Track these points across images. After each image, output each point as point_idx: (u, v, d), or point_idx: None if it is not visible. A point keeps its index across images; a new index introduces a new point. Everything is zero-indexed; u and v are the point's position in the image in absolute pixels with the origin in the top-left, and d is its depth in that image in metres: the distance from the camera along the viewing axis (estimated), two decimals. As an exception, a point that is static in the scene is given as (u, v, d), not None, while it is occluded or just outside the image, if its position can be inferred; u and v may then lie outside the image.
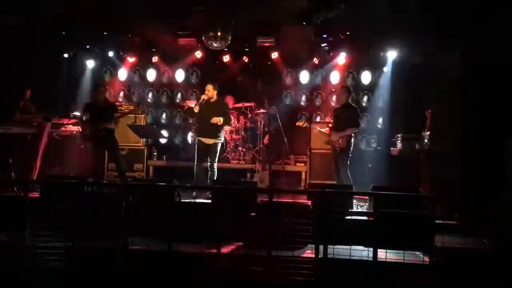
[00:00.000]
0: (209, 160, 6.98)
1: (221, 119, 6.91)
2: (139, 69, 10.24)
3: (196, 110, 6.98)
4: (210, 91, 6.92)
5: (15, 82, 7.48)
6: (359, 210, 6.43)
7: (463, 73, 6.51)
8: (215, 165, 7.02)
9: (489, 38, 5.90)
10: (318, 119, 9.78)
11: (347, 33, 8.45)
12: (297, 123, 7.86)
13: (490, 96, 5.97)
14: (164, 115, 10.27)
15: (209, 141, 6.97)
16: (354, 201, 6.54)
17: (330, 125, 7.41)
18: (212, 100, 6.99)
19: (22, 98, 7.28)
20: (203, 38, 8.10)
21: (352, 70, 9.84)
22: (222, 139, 7.19)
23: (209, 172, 6.96)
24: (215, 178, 6.86)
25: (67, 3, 7.27)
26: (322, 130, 7.43)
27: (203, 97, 6.93)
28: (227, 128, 9.14)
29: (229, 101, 9.59)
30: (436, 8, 6.56)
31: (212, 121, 6.86)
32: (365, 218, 5.60)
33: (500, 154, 5.76)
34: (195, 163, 7.07)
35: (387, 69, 9.47)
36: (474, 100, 6.23)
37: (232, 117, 7.22)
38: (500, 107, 5.90)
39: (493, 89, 5.93)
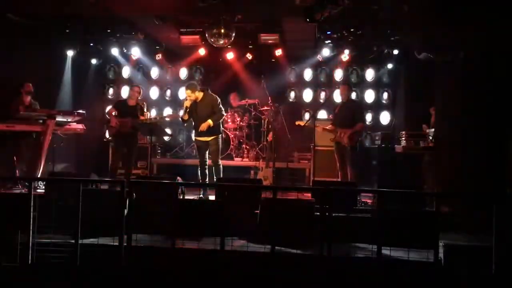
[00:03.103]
0: (212, 158, 6.85)
1: (210, 121, 6.67)
2: (142, 67, 10.27)
3: (185, 118, 6.84)
4: (192, 96, 6.72)
5: (18, 80, 7.49)
6: (363, 207, 6.42)
7: (465, 70, 6.48)
8: (220, 162, 6.93)
9: (491, 35, 5.87)
10: (322, 116, 9.79)
11: (351, 29, 8.41)
12: (297, 123, 7.78)
13: (493, 93, 5.95)
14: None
15: (207, 138, 6.83)
16: (358, 198, 6.54)
17: (331, 123, 7.38)
18: (199, 100, 6.80)
19: (24, 91, 7.28)
20: (206, 35, 8.08)
21: (356, 67, 9.82)
22: (220, 133, 7.01)
23: (214, 170, 6.87)
24: (221, 175, 6.81)
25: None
26: (326, 128, 7.38)
27: (186, 104, 6.76)
28: (231, 125, 9.16)
29: (234, 98, 9.61)
30: (439, 5, 6.52)
31: (201, 129, 6.69)
32: (369, 215, 5.59)
33: (504, 150, 5.73)
34: (199, 163, 7.03)
35: (391, 66, 9.44)
36: (477, 98, 6.20)
37: (222, 110, 6.93)
38: (503, 105, 5.87)
39: (496, 87, 5.90)
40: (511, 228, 4.58)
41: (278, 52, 9.33)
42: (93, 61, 9.87)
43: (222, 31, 7.90)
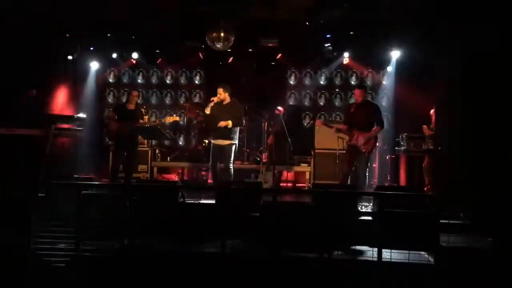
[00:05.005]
0: (224, 163, 6.88)
1: (230, 122, 6.76)
2: (142, 71, 10.29)
3: (207, 111, 6.93)
4: (222, 94, 6.85)
5: (19, 84, 7.50)
6: (364, 210, 6.40)
7: (464, 72, 6.48)
8: (231, 166, 6.92)
9: (491, 35, 5.88)
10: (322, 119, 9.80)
11: (351, 32, 8.42)
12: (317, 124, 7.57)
13: (492, 94, 5.94)
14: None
15: (223, 142, 6.86)
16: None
17: (336, 125, 7.29)
18: (225, 103, 6.90)
19: (28, 99, 7.30)
20: (206, 39, 8.10)
21: (356, 69, 9.83)
22: (236, 140, 7.02)
23: (225, 175, 6.87)
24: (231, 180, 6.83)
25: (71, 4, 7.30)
26: (340, 128, 7.02)
27: (214, 99, 6.86)
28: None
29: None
30: (438, 7, 6.55)
31: (220, 125, 6.75)
32: (369, 218, 5.58)
33: (505, 152, 5.73)
34: (210, 165, 7.05)
35: (390, 68, 9.46)
36: (476, 99, 6.19)
37: (243, 119, 7.09)
38: (504, 105, 5.86)
39: (496, 86, 5.90)
40: (511, 229, 4.59)
41: (278, 55, 9.33)
42: (93, 65, 9.88)
43: (222, 34, 7.92)
